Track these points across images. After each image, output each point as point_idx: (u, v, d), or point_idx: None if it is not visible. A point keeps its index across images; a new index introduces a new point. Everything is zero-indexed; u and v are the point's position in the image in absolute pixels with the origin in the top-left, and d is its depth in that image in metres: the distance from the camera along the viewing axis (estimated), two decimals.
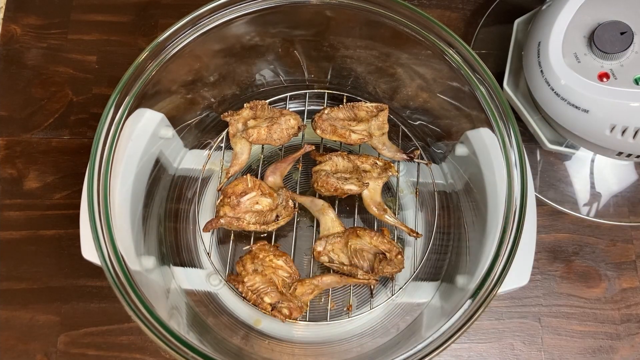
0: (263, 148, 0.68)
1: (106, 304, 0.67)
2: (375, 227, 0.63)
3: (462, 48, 0.56)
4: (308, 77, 0.71)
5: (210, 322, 0.63)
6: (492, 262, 0.50)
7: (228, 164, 0.66)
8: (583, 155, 0.69)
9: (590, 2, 0.58)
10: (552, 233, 0.70)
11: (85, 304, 0.67)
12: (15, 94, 0.75)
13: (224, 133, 0.67)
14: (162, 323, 0.48)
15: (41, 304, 0.67)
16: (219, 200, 0.62)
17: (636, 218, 0.70)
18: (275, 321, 0.62)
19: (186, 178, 0.70)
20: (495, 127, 0.54)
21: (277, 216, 0.61)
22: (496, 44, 0.75)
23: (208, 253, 0.63)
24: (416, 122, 0.70)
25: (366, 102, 0.67)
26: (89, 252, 0.53)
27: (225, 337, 0.62)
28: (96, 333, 0.66)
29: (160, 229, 0.66)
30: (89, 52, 0.77)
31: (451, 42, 0.56)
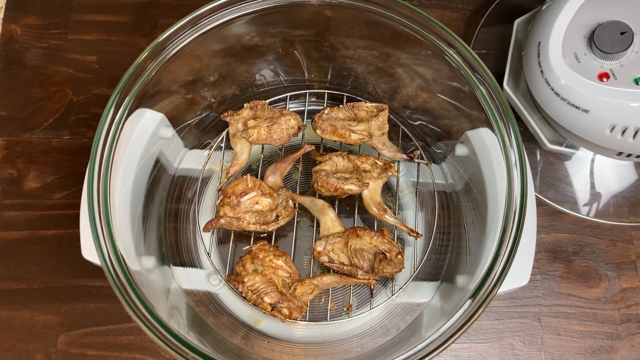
0: (263, 148, 0.68)
1: (106, 304, 0.67)
2: (375, 227, 0.63)
3: (462, 48, 0.56)
4: (308, 77, 0.71)
5: (210, 322, 0.63)
6: (492, 262, 0.50)
7: (228, 164, 0.66)
8: (583, 155, 0.69)
9: (590, 2, 0.58)
10: (552, 233, 0.70)
11: (85, 304, 0.67)
12: (15, 94, 0.75)
13: (224, 133, 0.67)
14: (162, 323, 0.48)
15: (41, 304, 0.67)
16: (219, 200, 0.62)
17: (636, 218, 0.70)
18: (275, 321, 0.62)
19: (186, 178, 0.70)
20: (495, 127, 0.54)
21: (277, 216, 0.61)
22: (496, 44, 0.75)
23: (208, 253, 0.63)
24: (416, 122, 0.70)
25: (366, 102, 0.67)
26: (89, 252, 0.53)
27: (225, 337, 0.62)
28: (96, 333, 0.66)
29: (160, 229, 0.66)
30: (89, 52, 0.77)
31: (451, 42, 0.56)
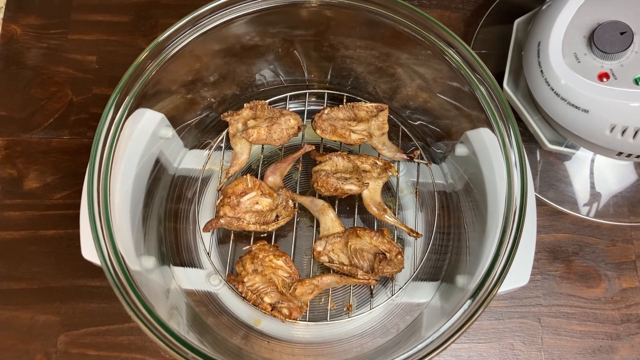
0: (263, 148, 0.68)
1: (106, 304, 0.67)
2: (375, 227, 0.63)
3: (462, 48, 0.56)
4: (308, 77, 0.71)
5: (210, 322, 0.63)
6: (492, 262, 0.50)
7: (228, 164, 0.66)
8: (583, 155, 0.69)
9: (590, 2, 0.58)
10: (552, 233, 0.70)
11: (85, 304, 0.67)
12: (15, 94, 0.75)
13: (224, 133, 0.67)
14: (162, 323, 0.48)
15: (41, 304, 0.67)
16: (219, 200, 0.62)
17: (636, 218, 0.70)
18: (275, 321, 0.62)
19: (186, 178, 0.70)
20: (495, 127, 0.54)
21: (277, 216, 0.61)
22: (496, 44, 0.75)
23: (208, 253, 0.63)
24: (416, 122, 0.70)
25: (366, 102, 0.67)
26: (89, 252, 0.53)
27: (225, 337, 0.62)
28: (96, 333, 0.66)
29: (160, 229, 0.66)
30: (89, 52, 0.77)
31: (451, 42, 0.56)
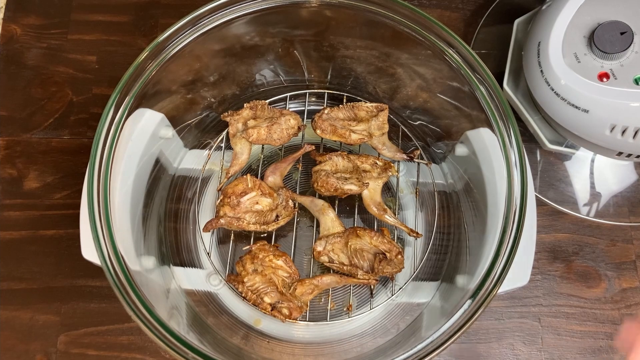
0: (263, 148, 0.68)
1: (106, 304, 0.67)
2: (375, 227, 0.63)
3: (462, 48, 0.56)
4: (308, 77, 0.71)
5: (210, 322, 0.63)
6: (492, 262, 0.50)
7: (228, 164, 0.66)
8: (583, 155, 0.69)
9: (590, 2, 0.58)
10: (552, 233, 0.70)
11: (85, 304, 0.67)
12: (15, 94, 0.75)
13: (224, 133, 0.67)
14: (162, 323, 0.48)
15: (41, 304, 0.67)
16: (219, 200, 0.62)
17: (636, 218, 0.70)
18: (275, 321, 0.62)
19: (186, 178, 0.70)
20: (495, 127, 0.54)
21: (277, 216, 0.61)
22: (496, 44, 0.75)
23: (208, 253, 0.63)
24: (416, 122, 0.70)
25: (366, 102, 0.67)
26: (89, 252, 0.53)
27: (225, 337, 0.62)
28: (96, 333, 0.66)
29: (160, 229, 0.66)
30: (89, 52, 0.77)
31: (451, 42, 0.56)
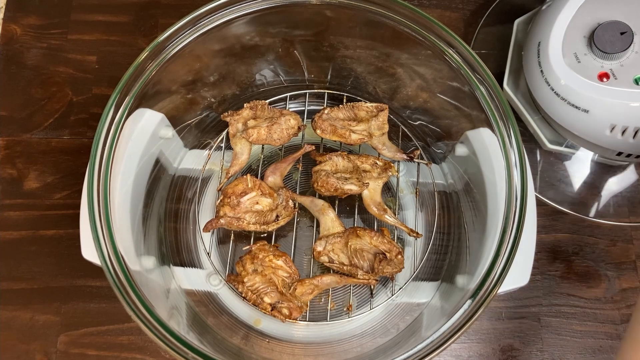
0: (263, 148, 0.68)
1: (106, 304, 0.67)
2: (375, 227, 0.63)
3: (462, 48, 0.56)
4: (308, 77, 0.71)
5: (210, 322, 0.63)
6: (492, 262, 0.50)
7: (228, 164, 0.66)
8: (583, 155, 0.69)
9: (590, 2, 0.58)
10: (552, 233, 0.70)
11: (85, 304, 0.67)
12: (15, 94, 0.75)
13: (224, 133, 0.67)
14: (162, 323, 0.48)
15: (41, 304, 0.67)
16: (219, 200, 0.62)
17: (636, 218, 0.70)
18: (275, 321, 0.62)
19: (186, 178, 0.70)
20: (495, 127, 0.54)
21: (277, 216, 0.61)
22: (496, 44, 0.75)
23: (208, 253, 0.63)
24: (416, 122, 0.70)
25: (366, 102, 0.67)
26: (89, 252, 0.53)
27: (225, 337, 0.62)
28: (96, 333, 0.66)
29: (160, 229, 0.66)
30: (89, 52, 0.77)
31: (451, 42, 0.56)
